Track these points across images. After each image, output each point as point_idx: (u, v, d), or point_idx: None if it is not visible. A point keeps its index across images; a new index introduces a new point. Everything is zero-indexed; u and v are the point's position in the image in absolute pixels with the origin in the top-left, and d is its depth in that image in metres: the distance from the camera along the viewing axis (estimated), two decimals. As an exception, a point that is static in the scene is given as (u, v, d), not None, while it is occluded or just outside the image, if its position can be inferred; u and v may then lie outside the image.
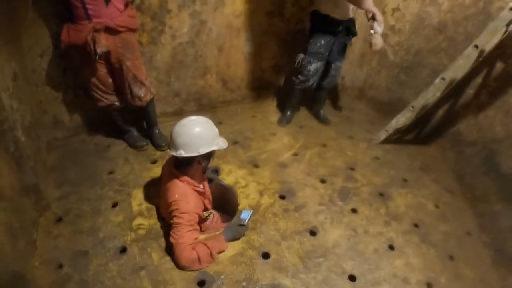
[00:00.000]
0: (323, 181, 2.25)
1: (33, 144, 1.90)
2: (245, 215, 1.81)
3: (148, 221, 1.82)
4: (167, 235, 1.65)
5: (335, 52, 2.56)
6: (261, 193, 2.09)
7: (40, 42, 2.00)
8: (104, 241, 1.69)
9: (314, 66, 2.54)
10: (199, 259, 1.54)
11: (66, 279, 1.51)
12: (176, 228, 1.55)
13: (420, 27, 2.65)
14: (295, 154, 2.49)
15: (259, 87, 3.06)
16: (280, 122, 2.84)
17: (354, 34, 2.52)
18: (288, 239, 1.80)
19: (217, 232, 1.75)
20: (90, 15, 1.77)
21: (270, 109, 3.05)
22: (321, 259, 1.72)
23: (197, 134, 1.57)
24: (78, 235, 1.72)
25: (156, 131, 2.43)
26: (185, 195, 1.60)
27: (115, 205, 1.90)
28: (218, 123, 2.57)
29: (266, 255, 1.71)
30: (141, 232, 1.76)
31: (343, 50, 2.60)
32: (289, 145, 2.59)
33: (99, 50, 1.78)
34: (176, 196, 1.59)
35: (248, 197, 2.05)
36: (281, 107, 3.02)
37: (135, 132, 2.42)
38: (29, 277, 1.48)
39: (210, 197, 1.85)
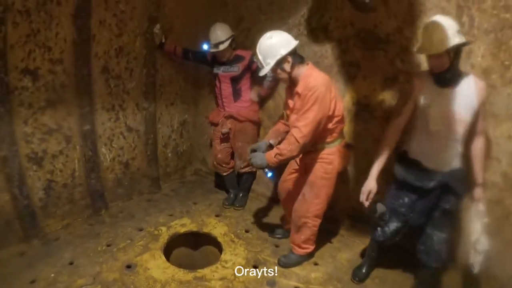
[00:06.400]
0: None
1: (177, 161, 3.31)
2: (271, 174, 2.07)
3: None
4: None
5: (425, 216, 1.77)
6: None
7: (207, 111, 3.17)
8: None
9: (394, 226, 1.82)
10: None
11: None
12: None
13: None
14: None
15: (354, 219, 2.60)
16: (354, 275, 2.08)
17: (459, 195, 1.68)
18: None
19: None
20: (224, 106, 2.75)
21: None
22: None
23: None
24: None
25: (241, 194, 2.97)
26: None
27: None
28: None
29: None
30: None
31: (444, 218, 1.73)
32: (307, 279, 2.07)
33: (223, 130, 2.73)
34: None
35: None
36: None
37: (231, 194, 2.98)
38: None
39: None
